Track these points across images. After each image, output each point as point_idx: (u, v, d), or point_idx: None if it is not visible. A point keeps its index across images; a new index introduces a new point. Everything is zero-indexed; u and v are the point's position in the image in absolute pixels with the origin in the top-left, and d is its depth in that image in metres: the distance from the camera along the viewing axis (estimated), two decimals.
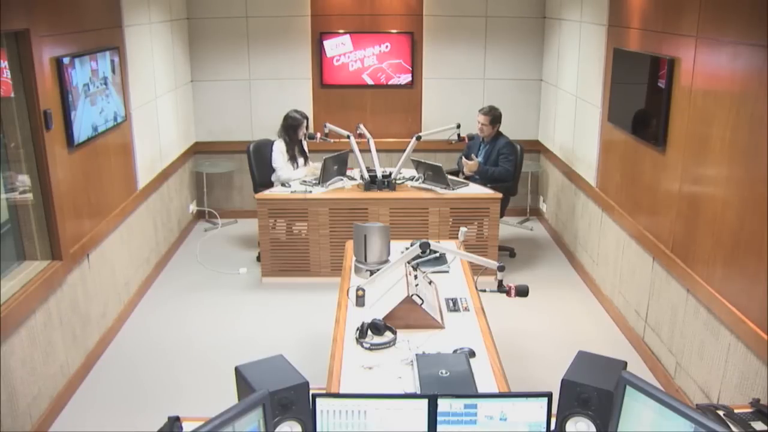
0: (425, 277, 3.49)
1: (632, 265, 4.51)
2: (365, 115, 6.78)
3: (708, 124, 3.49)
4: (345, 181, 5.56)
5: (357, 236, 3.74)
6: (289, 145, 5.68)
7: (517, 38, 6.64)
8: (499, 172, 5.61)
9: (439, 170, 5.34)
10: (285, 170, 5.66)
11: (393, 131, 6.85)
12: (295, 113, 5.69)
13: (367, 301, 3.31)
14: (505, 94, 6.73)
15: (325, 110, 6.78)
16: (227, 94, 6.71)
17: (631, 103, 4.49)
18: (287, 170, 5.67)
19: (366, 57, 6.63)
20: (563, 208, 6.15)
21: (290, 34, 6.58)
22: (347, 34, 6.57)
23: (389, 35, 6.61)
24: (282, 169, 5.67)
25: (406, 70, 6.68)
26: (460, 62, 6.69)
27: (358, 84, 6.70)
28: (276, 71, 6.66)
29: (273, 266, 5.36)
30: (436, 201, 5.26)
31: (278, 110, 5.90)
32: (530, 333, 4.61)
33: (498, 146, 5.67)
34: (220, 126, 6.79)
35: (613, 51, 4.78)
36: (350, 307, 3.31)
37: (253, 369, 2.12)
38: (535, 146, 6.86)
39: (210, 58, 6.61)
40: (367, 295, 3.32)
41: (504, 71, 6.72)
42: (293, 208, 5.27)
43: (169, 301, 5.14)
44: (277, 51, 6.61)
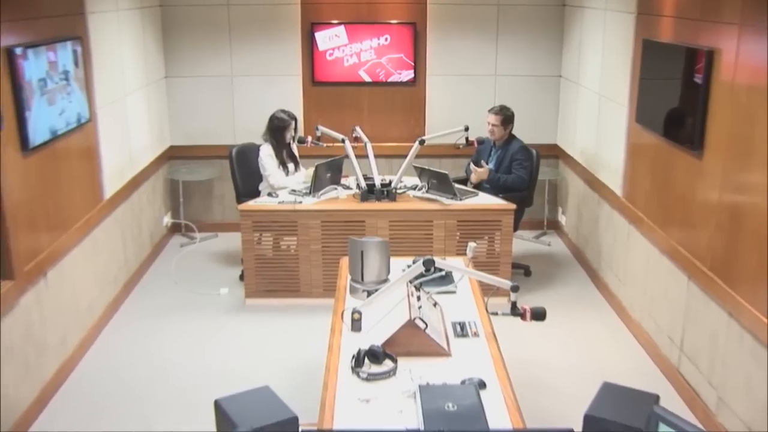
0: (429, 299, 3.49)
1: (664, 284, 4.48)
2: (362, 117, 6.77)
3: (752, 124, 3.47)
4: (339, 191, 5.54)
5: (353, 252, 3.74)
6: (277, 150, 5.67)
7: (533, 29, 6.64)
8: (513, 180, 5.60)
9: (444, 178, 5.33)
10: (278, 176, 5.65)
11: (393, 134, 6.83)
12: (282, 113, 5.70)
13: (363, 326, 3.32)
14: (519, 92, 6.72)
15: (316, 111, 6.77)
16: (206, 92, 6.70)
17: (663, 101, 4.47)
18: (281, 176, 5.66)
19: (363, 51, 6.62)
20: (585, 220, 6.14)
21: (277, 25, 6.58)
22: (341, 25, 6.56)
23: (389, 26, 6.60)
24: (274, 175, 5.66)
25: (408, 66, 6.66)
26: (468, 57, 6.68)
27: (353, 81, 6.69)
28: (261, 66, 6.65)
29: (258, 286, 5.35)
30: (441, 213, 5.26)
31: (264, 110, 5.90)
32: (548, 361, 4.61)
33: (511, 151, 5.67)
34: (199, 128, 6.78)
35: (643, 42, 4.77)
36: (345, 332, 3.33)
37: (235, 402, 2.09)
38: (553, 151, 6.85)
39: (186, 51, 6.61)
40: (364, 318, 3.33)
41: (518, 67, 6.72)
42: (281, 221, 5.26)
43: (140, 326, 5.12)
44: (262, 43, 6.60)
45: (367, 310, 3.35)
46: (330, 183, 5.56)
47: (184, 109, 6.74)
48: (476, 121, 5.90)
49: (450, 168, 6.31)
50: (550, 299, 5.43)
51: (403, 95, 6.79)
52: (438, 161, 6.63)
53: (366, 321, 3.32)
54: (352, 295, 3.73)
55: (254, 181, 5.77)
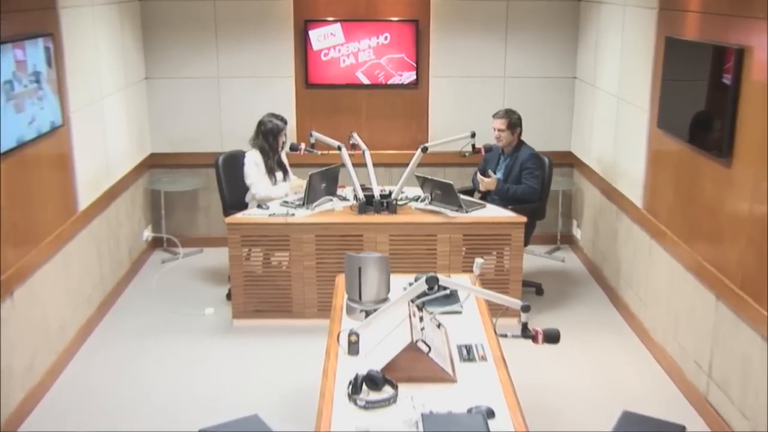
0: (433, 320, 3.48)
1: (690, 304, 4.46)
2: (360, 122, 6.77)
3: None
4: (335, 202, 5.53)
5: (349, 269, 3.74)
6: (268, 157, 5.67)
7: (545, 26, 6.65)
8: (523, 190, 5.60)
9: (449, 189, 5.32)
10: (262, 186, 5.64)
11: (393, 141, 6.83)
12: (274, 117, 5.69)
13: (361, 349, 3.32)
14: (530, 95, 6.72)
15: (310, 115, 6.76)
16: (190, 94, 6.70)
17: (688, 104, 4.47)
18: (265, 186, 5.64)
19: (361, 50, 6.62)
20: (602, 234, 6.12)
21: (268, 22, 6.58)
22: (338, 22, 6.56)
23: (389, 24, 6.60)
24: (258, 184, 5.64)
25: (410, 67, 6.67)
26: (475, 57, 6.69)
27: (350, 83, 6.69)
28: (251, 67, 6.65)
29: (247, 306, 5.34)
30: (446, 226, 5.25)
31: (254, 115, 5.89)
32: (562, 388, 4.59)
33: (521, 159, 5.67)
34: (182, 134, 6.77)
35: (665, 40, 4.76)
36: (341, 355, 3.33)
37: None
38: (568, 159, 6.84)
39: (169, 51, 6.61)
40: (362, 341, 3.33)
41: (529, 68, 6.72)
42: (272, 235, 5.25)
43: (117, 350, 5.09)
44: (252, 42, 6.60)
45: (365, 331, 3.34)
46: (325, 194, 5.54)
47: (167, 114, 6.74)
48: (483, 127, 5.87)
49: (455, 178, 6.29)
50: (564, 320, 5.42)
51: (405, 99, 6.78)
52: (442, 170, 6.62)
53: (364, 344, 3.31)
54: (348, 316, 3.73)
55: (242, 191, 5.75)
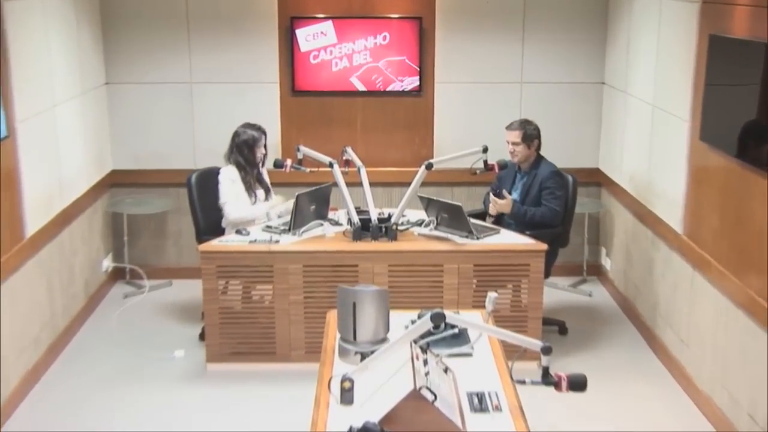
0: (439, 363, 3.46)
1: (741, 346, 4.44)
2: (355, 135, 6.79)
3: None
4: (326, 227, 5.54)
5: (343, 305, 3.76)
6: (245, 171, 5.67)
7: (568, 24, 6.68)
8: (543, 213, 5.60)
9: (458, 212, 5.33)
10: (237, 206, 5.65)
11: (393, 157, 6.85)
12: (248, 127, 5.71)
13: (356, 397, 3.32)
14: (551, 104, 6.75)
15: (297, 127, 6.77)
16: (159, 103, 6.71)
17: (736, 112, 4.47)
18: (241, 206, 5.64)
19: (356, 52, 6.64)
20: (636, 264, 6.12)
21: (249, 19, 6.61)
22: (329, 20, 6.59)
23: (388, 21, 6.62)
24: (232, 204, 5.65)
25: (412, 71, 6.68)
26: (488, 60, 6.71)
27: (344, 90, 6.72)
28: (229, 72, 6.67)
29: (223, 348, 5.34)
30: (454, 255, 5.26)
31: (232, 127, 5.91)
32: None
33: (540, 177, 5.69)
34: (149, 148, 6.78)
35: (710, 39, 4.77)
36: (333, 405, 3.33)
37: None
38: (595, 177, 6.86)
39: (133, 51, 6.62)
40: (357, 388, 3.33)
41: (550, 72, 6.74)
42: (252, 265, 5.26)
43: (69, 401, 5.05)
44: (230, 43, 6.63)
45: (360, 377, 3.34)
46: (314, 218, 5.54)
47: (131, 125, 6.75)
48: (497, 141, 5.88)
49: (464, 199, 6.29)
50: (591, 364, 5.42)
51: (406, 108, 6.80)
52: (449, 190, 6.64)
53: (359, 391, 3.32)
54: (341, 359, 3.74)
55: (218, 214, 5.74)
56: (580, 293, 6.69)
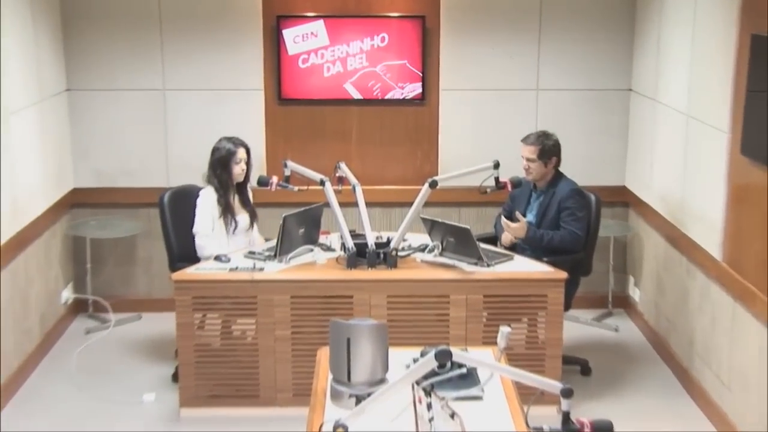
0: (445, 407, 3.43)
1: None
2: (349, 148, 6.80)
3: None
4: (316, 253, 5.54)
5: (336, 341, 3.72)
6: (221, 193, 5.66)
7: (591, 23, 6.69)
8: (562, 237, 5.59)
9: (466, 236, 5.31)
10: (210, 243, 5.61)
11: (393, 174, 6.86)
12: (226, 141, 5.69)
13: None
14: (571, 113, 6.76)
15: (285, 140, 6.79)
16: (127, 112, 6.71)
17: None
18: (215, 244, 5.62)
19: (350, 56, 6.66)
20: (668, 295, 6.11)
21: (230, 18, 6.62)
22: (320, 19, 6.60)
23: (387, 21, 6.65)
24: (205, 238, 5.62)
25: (414, 77, 6.70)
26: (499, 63, 6.73)
27: (337, 98, 6.73)
28: (207, 77, 6.69)
29: (199, 390, 5.31)
30: (461, 284, 5.24)
31: (210, 139, 5.85)
32: None
33: (559, 197, 5.67)
34: (116, 163, 6.77)
35: (751, 39, 4.75)
36: None
37: None
38: (621, 196, 6.86)
39: (98, 54, 6.62)
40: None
41: (570, 77, 6.76)
42: (233, 296, 5.24)
43: None
44: (208, 44, 6.64)
45: (356, 423, 3.25)
46: (304, 242, 5.54)
47: (95, 137, 6.74)
48: (510, 155, 5.86)
49: (473, 221, 6.29)
50: (618, 408, 5.38)
51: (407, 118, 6.81)
52: (456, 211, 6.64)
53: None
54: (334, 402, 3.69)
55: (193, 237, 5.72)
56: (605, 328, 6.67)
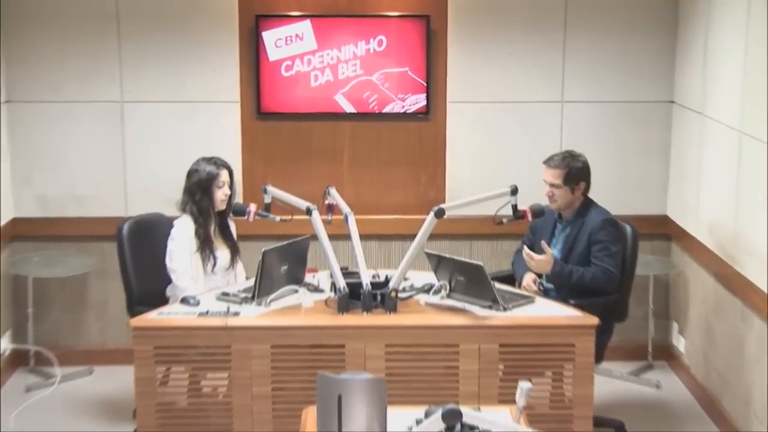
0: None
1: None
2: (340, 171, 6.84)
3: None
4: (302, 295, 5.53)
5: (324, 399, 3.71)
6: (200, 223, 5.68)
7: (625, 25, 6.73)
8: (593, 276, 5.59)
9: (479, 274, 5.29)
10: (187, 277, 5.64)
11: (392, 201, 6.89)
12: (206, 162, 5.70)
13: None
14: (602, 129, 6.79)
15: (265, 161, 6.82)
16: (78, 128, 6.73)
17: None
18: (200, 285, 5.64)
19: (342, 62, 6.69)
20: (719, 344, 6.11)
21: (200, 18, 6.65)
22: (306, 20, 6.63)
23: (385, 21, 6.69)
24: (186, 275, 5.64)
25: (417, 87, 6.73)
26: (517, 71, 6.76)
27: (326, 112, 6.76)
28: (173, 87, 6.72)
29: None
30: (473, 332, 5.23)
31: (178, 160, 5.89)
32: None
33: (589, 228, 5.68)
34: (64, 189, 6.79)
35: None
36: None
37: None
38: (662, 227, 6.89)
39: (43, 61, 6.66)
40: None
41: (601, 87, 6.79)
42: (203, 346, 5.21)
43: None
44: (174, 49, 6.68)
45: None
46: (286, 282, 5.52)
47: (39, 157, 6.76)
48: (530, 179, 5.89)
49: (487, 257, 6.30)
50: None
51: (409, 135, 6.84)
52: (467, 245, 6.68)
53: None
54: None
55: (160, 277, 5.73)
56: (643, 383, 6.67)
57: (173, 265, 5.65)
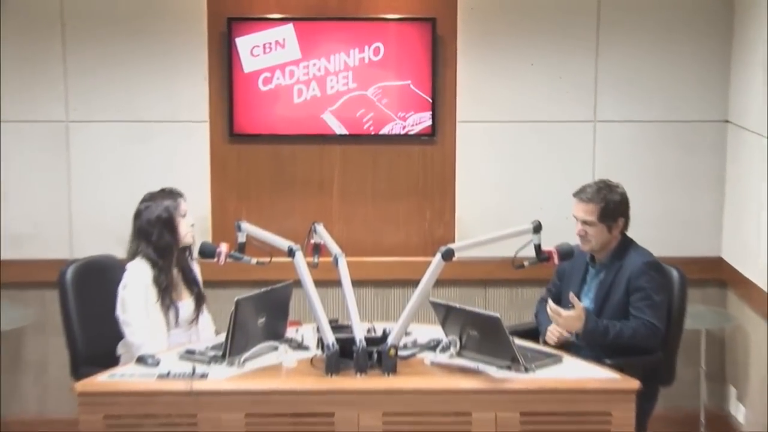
0: None
1: None
2: (329, 204, 6.88)
3: None
4: (282, 352, 5.52)
5: None
6: (161, 267, 5.68)
7: (670, 31, 6.77)
8: (634, 331, 5.57)
9: (495, 328, 5.26)
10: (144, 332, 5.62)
11: (391, 240, 6.93)
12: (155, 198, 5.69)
13: None
14: (642, 155, 6.82)
15: (238, 192, 6.86)
16: (14, 153, 6.76)
17: None
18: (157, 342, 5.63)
19: (331, 74, 6.73)
20: None
21: (162, 22, 6.70)
22: (288, 23, 6.68)
23: (383, 26, 6.75)
24: (139, 329, 5.63)
25: (421, 104, 6.77)
26: (540, 85, 6.80)
27: (312, 134, 6.80)
28: (129, 104, 6.75)
29: None
30: (489, 397, 5.21)
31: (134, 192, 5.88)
32: None
33: (628, 273, 5.67)
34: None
35: None
36: None
37: None
38: (716, 272, 6.91)
39: None
40: None
41: (640, 105, 6.82)
42: (163, 414, 5.17)
43: None
44: (131, 59, 6.72)
45: None
46: (264, 337, 5.51)
47: None
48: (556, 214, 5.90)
49: (505, 306, 6.31)
50: None
51: (412, 161, 6.89)
52: (481, 293, 6.71)
53: None
54: None
55: (111, 332, 5.72)
56: None
57: (127, 317, 5.62)
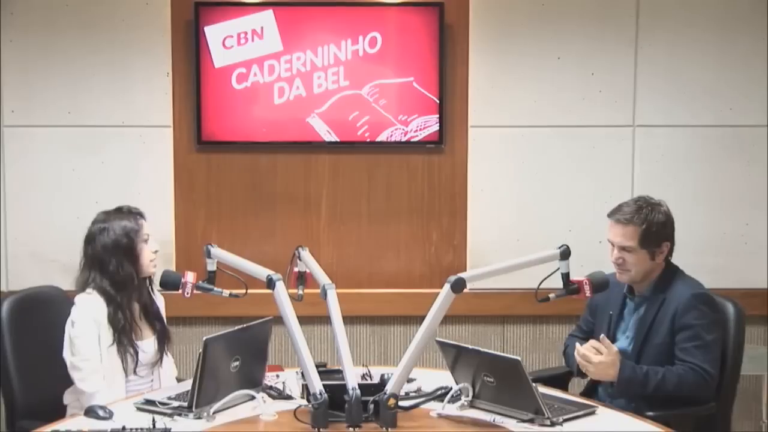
0: None
1: None
2: (316, 226, 6.91)
3: None
4: (260, 402, 5.47)
5: None
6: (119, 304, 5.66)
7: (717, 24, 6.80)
8: (680, 378, 5.54)
9: (514, 373, 5.25)
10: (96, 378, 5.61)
11: (390, 267, 6.95)
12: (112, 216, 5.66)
13: None
14: (689, 166, 6.85)
15: (207, 211, 6.89)
16: None
17: None
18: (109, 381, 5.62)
19: (318, 69, 6.75)
20: None
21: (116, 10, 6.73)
22: (267, 8, 6.71)
23: (380, 11, 6.80)
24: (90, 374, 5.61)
25: (427, 105, 6.80)
26: (567, 85, 6.83)
27: (296, 141, 6.84)
28: (75, 107, 6.79)
29: None
30: None
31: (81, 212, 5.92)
32: None
33: (673, 308, 5.64)
34: None
35: None
36: None
37: None
38: None
39: None
40: None
41: (684, 107, 6.86)
42: None
43: None
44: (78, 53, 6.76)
45: None
46: (238, 385, 5.49)
47: None
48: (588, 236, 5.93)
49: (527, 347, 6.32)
50: None
51: (415, 173, 6.92)
52: (499, 331, 6.71)
53: None
54: None
55: (54, 378, 5.72)
56: None
57: (76, 360, 5.60)
